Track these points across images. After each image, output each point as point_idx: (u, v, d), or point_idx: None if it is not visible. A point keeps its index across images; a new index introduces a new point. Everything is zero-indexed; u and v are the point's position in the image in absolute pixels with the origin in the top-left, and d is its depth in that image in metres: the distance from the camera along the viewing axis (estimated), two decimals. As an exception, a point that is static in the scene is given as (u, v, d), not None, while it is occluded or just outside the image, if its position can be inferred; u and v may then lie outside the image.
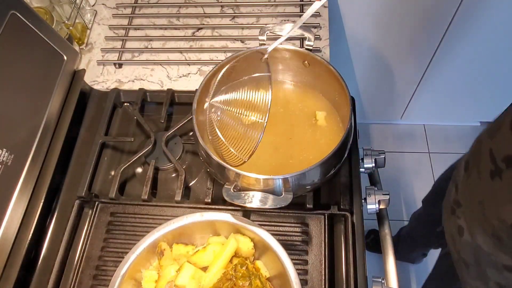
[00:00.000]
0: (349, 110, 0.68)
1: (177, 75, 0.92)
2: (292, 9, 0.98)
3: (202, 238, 0.69)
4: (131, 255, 0.63)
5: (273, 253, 0.62)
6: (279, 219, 0.73)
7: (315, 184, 0.70)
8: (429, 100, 1.60)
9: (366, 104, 1.68)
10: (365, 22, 1.23)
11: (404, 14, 1.19)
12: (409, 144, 1.78)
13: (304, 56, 0.75)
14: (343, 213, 0.72)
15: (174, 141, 0.83)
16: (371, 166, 0.79)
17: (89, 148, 0.81)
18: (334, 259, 0.70)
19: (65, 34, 0.90)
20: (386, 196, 0.74)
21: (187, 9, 1.01)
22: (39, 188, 0.73)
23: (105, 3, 1.04)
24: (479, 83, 1.46)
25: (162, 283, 0.64)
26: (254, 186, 0.66)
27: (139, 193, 0.75)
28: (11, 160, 0.66)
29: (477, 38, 1.24)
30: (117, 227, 0.74)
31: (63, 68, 0.79)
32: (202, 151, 0.69)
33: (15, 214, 0.67)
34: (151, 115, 0.87)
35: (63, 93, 0.80)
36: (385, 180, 0.85)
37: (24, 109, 0.70)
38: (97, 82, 0.92)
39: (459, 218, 0.66)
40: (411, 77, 1.48)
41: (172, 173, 0.81)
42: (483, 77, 1.43)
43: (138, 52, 0.96)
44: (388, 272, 0.70)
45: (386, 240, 0.74)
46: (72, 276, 0.70)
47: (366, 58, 1.39)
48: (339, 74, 0.71)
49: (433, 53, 1.33)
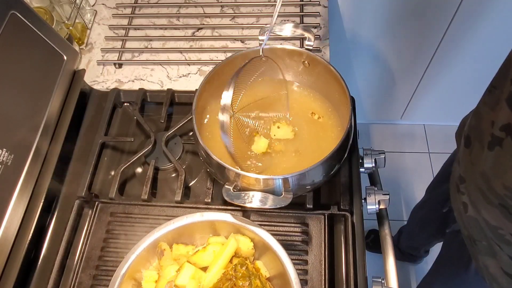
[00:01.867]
0: (349, 110, 0.68)
1: (177, 75, 0.92)
2: (292, 9, 0.98)
3: (202, 238, 0.69)
4: (131, 255, 0.63)
5: (273, 253, 0.62)
6: (279, 219, 0.73)
7: (315, 184, 0.70)
8: (429, 100, 1.60)
9: (366, 104, 1.68)
10: (365, 22, 1.23)
11: (404, 14, 1.19)
12: (409, 144, 1.78)
13: (304, 56, 0.75)
14: (343, 213, 0.72)
15: (174, 141, 0.83)
16: (371, 166, 0.79)
17: (89, 148, 0.81)
18: (334, 259, 0.70)
19: (65, 34, 0.90)
20: (386, 196, 0.74)
21: (187, 9, 1.01)
22: (39, 188, 0.73)
23: (105, 3, 1.04)
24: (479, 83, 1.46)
25: (162, 283, 0.64)
26: (254, 186, 0.66)
27: (139, 193, 0.75)
28: (11, 160, 0.66)
29: (477, 38, 1.25)
30: (117, 227, 0.74)
31: (63, 68, 0.79)
32: (202, 151, 0.69)
33: (15, 214, 0.67)
34: (151, 115, 0.87)
35: (63, 93, 0.80)
36: (385, 180, 0.85)
37: (24, 109, 0.70)
38: (97, 82, 0.92)
39: (463, 194, 0.66)
40: (411, 77, 1.48)
41: (172, 173, 0.81)
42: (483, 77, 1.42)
43: (138, 52, 0.96)
44: (388, 272, 0.70)
45: (386, 240, 0.74)
46: (72, 276, 0.70)
47: (366, 58, 1.39)
48: (339, 74, 0.71)
49: (433, 53, 1.33)
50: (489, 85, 0.60)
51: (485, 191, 0.58)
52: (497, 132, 0.52)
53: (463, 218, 0.68)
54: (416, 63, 1.40)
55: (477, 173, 0.59)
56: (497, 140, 0.52)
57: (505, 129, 0.50)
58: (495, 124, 0.53)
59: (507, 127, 0.50)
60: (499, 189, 0.54)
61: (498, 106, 0.53)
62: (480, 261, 0.68)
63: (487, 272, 0.66)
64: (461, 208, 0.68)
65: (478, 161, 0.60)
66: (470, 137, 0.63)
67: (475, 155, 0.61)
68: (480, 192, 0.59)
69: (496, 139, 0.52)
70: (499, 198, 0.55)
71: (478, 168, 0.59)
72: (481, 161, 0.58)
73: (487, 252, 0.65)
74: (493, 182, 0.55)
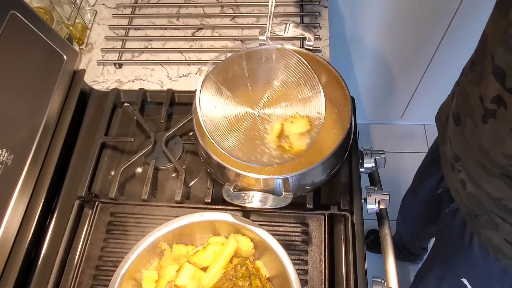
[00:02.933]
0: (349, 110, 0.68)
1: (177, 75, 0.92)
2: (292, 9, 0.98)
3: (202, 238, 0.69)
4: (131, 255, 0.63)
5: (273, 253, 0.62)
6: (279, 219, 0.73)
7: (315, 184, 0.70)
8: (429, 100, 1.60)
9: (366, 104, 1.68)
10: (365, 22, 1.23)
11: (404, 14, 1.19)
12: (409, 144, 1.78)
13: (304, 56, 0.75)
14: (343, 213, 0.72)
15: (174, 141, 0.83)
16: (371, 166, 0.79)
17: (89, 148, 0.81)
18: (334, 259, 0.70)
19: (65, 34, 0.90)
20: (386, 196, 0.74)
21: (187, 9, 1.01)
22: (39, 188, 0.73)
23: (105, 3, 1.04)
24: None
25: (162, 283, 0.64)
26: (254, 186, 0.66)
27: (139, 193, 0.75)
28: (11, 160, 0.66)
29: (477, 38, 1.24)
30: (117, 227, 0.74)
31: (63, 68, 0.79)
32: (202, 151, 0.69)
33: (15, 214, 0.67)
34: (151, 115, 0.87)
35: (63, 93, 0.80)
36: (385, 180, 0.85)
37: (24, 109, 0.70)
38: (97, 82, 0.92)
39: (460, 172, 0.67)
40: (411, 77, 1.48)
41: (172, 173, 0.81)
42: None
43: (138, 52, 0.96)
44: (388, 272, 0.70)
45: (386, 240, 0.74)
46: (72, 276, 0.70)
47: (366, 58, 1.39)
48: (339, 74, 0.71)
49: (433, 53, 1.33)
50: (470, 63, 0.63)
51: (485, 164, 0.59)
52: (489, 104, 0.53)
53: (462, 195, 0.69)
54: (416, 63, 1.40)
55: (474, 148, 0.60)
56: (490, 112, 0.54)
57: (496, 101, 0.52)
58: (485, 97, 0.54)
59: (497, 99, 0.51)
60: (500, 159, 0.55)
61: (483, 80, 0.54)
62: (483, 234, 0.68)
63: (491, 244, 0.67)
64: (458, 186, 0.69)
65: (472, 136, 0.61)
66: (459, 115, 0.64)
67: (468, 132, 0.62)
68: (480, 166, 0.60)
69: (489, 111, 0.54)
70: (502, 168, 0.56)
71: (474, 143, 0.60)
72: (476, 136, 0.59)
73: (489, 225, 0.66)
74: (493, 153, 0.56)
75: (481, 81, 0.55)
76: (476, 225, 0.69)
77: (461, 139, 0.65)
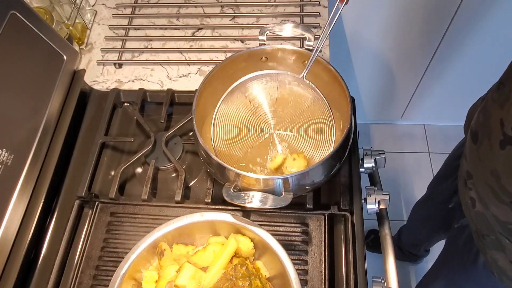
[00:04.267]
0: (349, 110, 0.68)
1: (177, 75, 0.92)
2: (292, 9, 0.98)
3: (202, 238, 0.69)
4: (131, 255, 0.63)
5: (273, 253, 0.62)
6: (279, 219, 0.73)
7: (315, 184, 0.70)
8: (429, 100, 1.60)
9: (366, 104, 1.68)
10: (365, 22, 1.23)
11: (404, 15, 1.19)
12: (409, 144, 1.78)
13: (304, 56, 0.75)
14: (343, 213, 0.72)
15: (174, 141, 0.83)
16: (371, 166, 0.79)
17: (89, 148, 0.81)
18: (334, 259, 0.70)
19: (65, 34, 0.90)
20: (386, 196, 0.74)
21: (187, 9, 1.01)
22: (39, 188, 0.73)
23: (105, 3, 1.04)
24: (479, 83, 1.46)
25: (162, 283, 0.64)
26: (254, 186, 0.66)
27: (139, 193, 0.75)
28: (11, 160, 0.66)
29: (477, 38, 1.25)
30: (117, 227, 0.74)
31: (63, 68, 0.79)
32: (202, 151, 0.69)
33: (15, 214, 0.67)
34: (151, 115, 0.87)
35: (63, 93, 0.80)
36: (385, 180, 0.85)
37: (24, 109, 0.70)
38: (97, 82, 0.92)
39: (471, 189, 0.66)
40: (411, 77, 1.48)
41: (172, 173, 0.81)
42: (483, 77, 1.43)
43: (138, 52, 0.96)
44: (388, 272, 0.70)
45: (386, 240, 0.74)
46: (72, 276, 0.70)
47: (366, 58, 1.39)
48: (339, 74, 0.71)
49: (433, 53, 1.33)
50: (498, 81, 0.59)
51: (495, 188, 0.57)
52: (509, 131, 0.51)
53: (471, 213, 0.68)
54: (416, 63, 1.40)
55: (486, 170, 0.59)
56: (509, 140, 0.52)
57: None
58: (506, 122, 0.52)
59: None
60: (510, 187, 0.54)
61: (508, 103, 0.52)
62: (489, 255, 0.67)
63: (496, 265, 0.66)
64: (469, 202, 0.68)
65: (487, 158, 0.59)
66: (477, 133, 0.62)
67: (483, 152, 0.60)
68: (490, 189, 0.59)
69: (508, 139, 0.52)
70: (511, 197, 0.55)
71: (487, 166, 0.59)
72: (490, 159, 0.58)
73: (495, 246, 0.65)
74: (504, 180, 0.55)
75: (505, 104, 0.53)
76: (483, 245, 0.68)
77: (475, 157, 0.63)
